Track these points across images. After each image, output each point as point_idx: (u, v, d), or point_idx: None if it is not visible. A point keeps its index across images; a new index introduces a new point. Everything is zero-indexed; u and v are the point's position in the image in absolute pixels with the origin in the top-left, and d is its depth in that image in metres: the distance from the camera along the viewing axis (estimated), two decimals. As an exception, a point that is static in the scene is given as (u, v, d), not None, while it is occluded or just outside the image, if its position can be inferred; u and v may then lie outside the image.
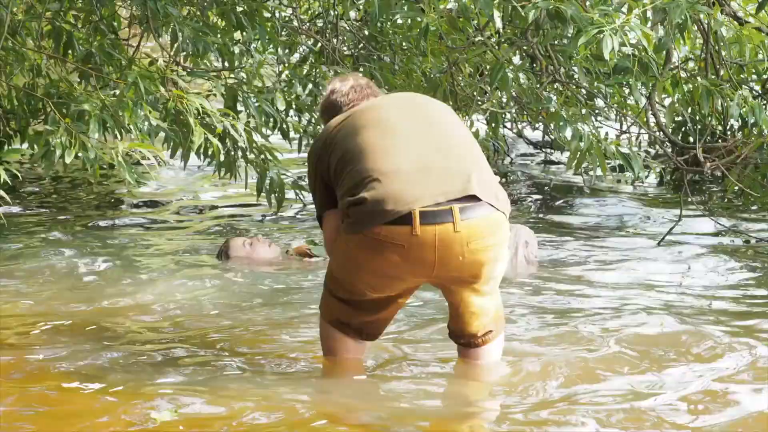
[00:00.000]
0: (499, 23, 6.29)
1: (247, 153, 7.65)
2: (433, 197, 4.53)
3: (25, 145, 8.83)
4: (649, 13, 6.50)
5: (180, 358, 5.14)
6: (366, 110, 4.79)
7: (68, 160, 6.26)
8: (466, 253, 4.57)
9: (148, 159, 6.34)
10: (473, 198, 4.57)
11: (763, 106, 7.19)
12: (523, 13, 6.27)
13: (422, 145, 4.66)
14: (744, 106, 6.92)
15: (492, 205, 4.61)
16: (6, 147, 8.91)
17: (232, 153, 7.68)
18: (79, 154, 6.32)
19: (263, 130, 7.98)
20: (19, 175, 6.25)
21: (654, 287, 6.73)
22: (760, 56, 8.18)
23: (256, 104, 7.62)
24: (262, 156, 7.70)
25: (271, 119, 7.97)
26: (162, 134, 7.11)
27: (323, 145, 4.79)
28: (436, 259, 4.56)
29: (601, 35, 5.66)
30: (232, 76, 7.89)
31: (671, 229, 8.04)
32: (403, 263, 4.57)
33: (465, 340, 4.87)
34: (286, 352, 5.25)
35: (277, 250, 7.35)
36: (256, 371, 4.94)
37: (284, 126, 8.20)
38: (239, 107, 7.73)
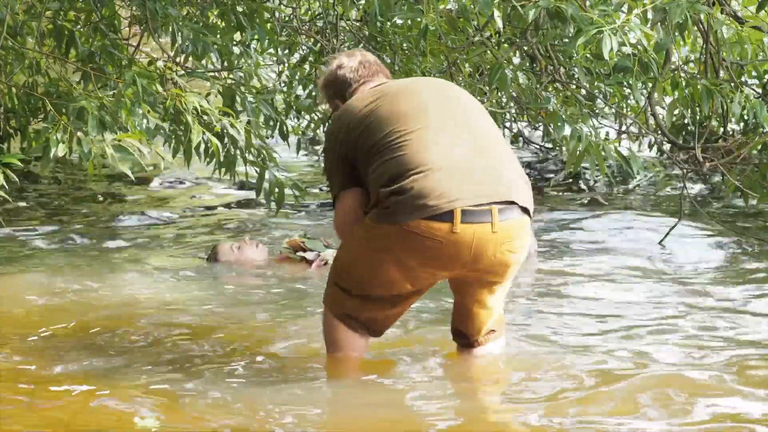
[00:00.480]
0: (499, 23, 6.28)
1: (246, 153, 7.64)
2: (476, 198, 4.51)
3: (25, 144, 8.85)
4: (649, 14, 6.49)
5: (168, 363, 5.09)
6: (400, 96, 4.69)
7: (60, 153, 6.24)
8: (498, 253, 4.57)
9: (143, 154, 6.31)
10: (510, 202, 4.58)
11: (765, 106, 7.17)
12: (522, 13, 6.25)
13: (463, 142, 4.62)
14: (745, 106, 6.90)
15: (525, 208, 4.63)
16: (6, 146, 8.95)
17: (232, 152, 7.68)
18: (74, 151, 6.32)
19: (261, 131, 7.98)
20: (17, 180, 6.24)
21: (650, 292, 6.73)
22: (761, 56, 8.18)
23: (253, 105, 7.61)
24: (261, 157, 7.69)
25: (270, 120, 7.96)
26: (161, 132, 7.11)
27: (348, 126, 4.68)
28: (470, 258, 4.55)
29: (601, 35, 5.64)
30: (230, 77, 7.88)
31: (670, 230, 8.03)
32: (436, 258, 4.54)
33: (467, 340, 4.88)
34: (276, 355, 5.23)
35: (265, 250, 7.35)
36: (246, 376, 4.91)
37: (283, 128, 8.20)
38: (238, 108, 7.73)
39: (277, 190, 7.83)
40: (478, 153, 4.61)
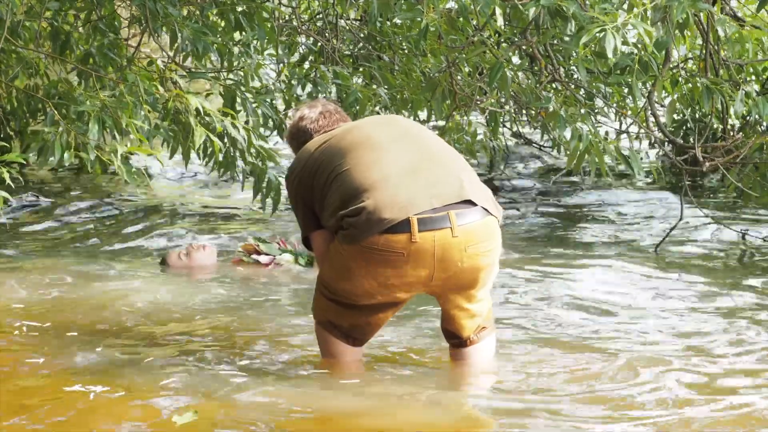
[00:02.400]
0: (500, 20, 6.26)
1: (246, 155, 7.62)
2: (428, 201, 4.58)
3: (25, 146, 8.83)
4: (649, 13, 6.49)
5: (174, 359, 5.11)
6: (347, 132, 4.83)
7: (67, 162, 6.25)
8: (465, 258, 4.60)
9: (146, 164, 6.32)
10: (468, 202, 4.62)
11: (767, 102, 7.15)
12: (524, 11, 6.23)
13: (408, 154, 4.72)
14: (747, 103, 6.89)
15: (486, 210, 4.65)
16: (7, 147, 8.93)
17: (231, 153, 7.66)
18: (80, 155, 6.31)
19: (261, 130, 7.97)
20: (21, 178, 6.23)
21: (649, 291, 6.73)
22: (760, 56, 8.17)
23: (254, 105, 7.59)
24: (260, 158, 7.67)
25: (270, 120, 7.95)
26: (161, 132, 7.09)
27: (303, 167, 4.84)
28: (436, 266, 4.59)
29: (603, 33, 5.62)
30: (230, 77, 7.85)
31: (671, 230, 8.01)
32: (403, 271, 4.59)
33: (458, 341, 4.91)
34: (264, 354, 5.26)
35: (214, 252, 7.32)
36: (262, 373, 4.91)
37: (283, 126, 8.17)
38: (238, 108, 7.71)
39: (273, 192, 7.79)
40: (425, 162, 4.70)
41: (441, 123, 8.44)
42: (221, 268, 7.26)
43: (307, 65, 8.76)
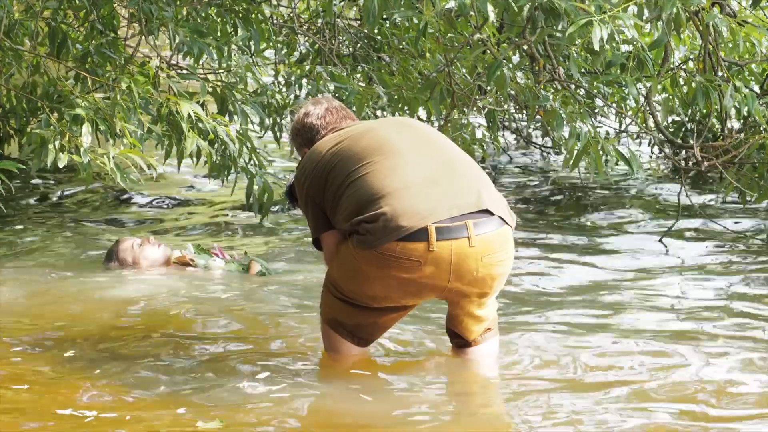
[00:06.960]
0: (492, 17, 6.26)
1: (238, 159, 7.58)
2: (447, 211, 4.57)
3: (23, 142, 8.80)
4: (646, 14, 6.50)
5: (181, 361, 5.09)
6: (362, 135, 4.79)
7: (61, 164, 6.24)
8: (480, 267, 4.61)
9: (141, 167, 6.31)
10: (485, 212, 4.62)
11: (757, 98, 7.15)
12: (516, 8, 6.23)
13: (426, 161, 4.70)
14: (737, 99, 6.89)
15: (502, 219, 4.66)
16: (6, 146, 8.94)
17: (225, 157, 7.63)
18: (72, 157, 6.31)
19: (253, 132, 7.93)
20: (12, 187, 6.22)
21: (648, 291, 6.71)
22: (757, 55, 8.16)
23: (245, 108, 7.55)
24: (251, 162, 7.65)
25: (265, 122, 7.93)
26: (154, 136, 7.08)
27: (314, 168, 4.80)
28: (451, 275, 4.60)
29: (591, 26, 5.62)
30: (223, 80, 7.83)
31: (669, 229, 7.99)
32: (418, 279, 4.60)
33: (462, 341, 4.92)
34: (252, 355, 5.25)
35: (167, 252, 7.20)
36: (281, 381, 4.86)
37: (276, 128, 8.14)
38: (229, 109, 7.69)
39: (265, 197, 7.75)
40: (444, 169, 4.69)
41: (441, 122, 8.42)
42: (167, 268, 7.18)
43: (308, 64, 8.75)
